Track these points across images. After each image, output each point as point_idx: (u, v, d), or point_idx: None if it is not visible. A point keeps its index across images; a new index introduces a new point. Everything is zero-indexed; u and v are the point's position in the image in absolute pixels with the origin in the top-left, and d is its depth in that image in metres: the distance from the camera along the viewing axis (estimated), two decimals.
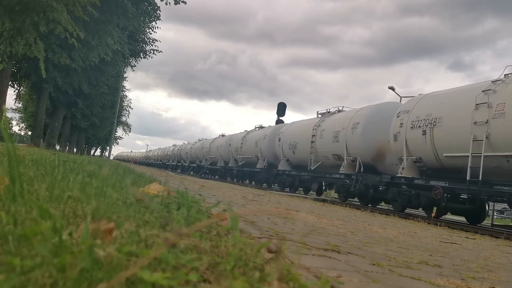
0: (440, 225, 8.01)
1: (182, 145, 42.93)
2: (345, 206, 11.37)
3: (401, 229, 5.25)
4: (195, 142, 37.54)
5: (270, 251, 1.64)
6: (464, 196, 9.64)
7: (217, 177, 29.04)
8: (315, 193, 16.40)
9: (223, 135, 30.53)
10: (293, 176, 17.20)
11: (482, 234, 7.44)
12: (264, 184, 20.45)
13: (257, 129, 23.95)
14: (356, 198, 13.80)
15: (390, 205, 12.80)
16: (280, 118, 24.55)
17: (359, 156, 12.88)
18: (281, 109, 25.02)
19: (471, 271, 2.46)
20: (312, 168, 15.29)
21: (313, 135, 15.47)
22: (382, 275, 1.83)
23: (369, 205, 12.72)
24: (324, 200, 13.21)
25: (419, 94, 11.58)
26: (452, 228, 7.97)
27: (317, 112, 16.50)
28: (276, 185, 19.39)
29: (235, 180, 24.36)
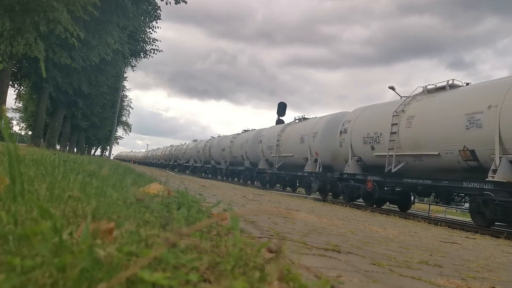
0: (440, 225, 8.01)
1: (211, 139, 30.82)
2: (345, 206, 11.36)
3: (401, 229, 5.25)
4: (236, 134, 25.93)
5: (270, 251, 1.64)
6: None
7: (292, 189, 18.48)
8: None
9: (304, 118, 17.98)
10: None
11: (482, 234, 7.44)
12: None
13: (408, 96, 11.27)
14: None
15: None
16: (281, 118, 24.54)
17: None
18: (282, 109, 25.02)
19: (471, 271, 2.46)
20: None
21: None
22: (382, 275, 1.83)
23: None
24: (324, 200, 13.18)
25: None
26: (453, 228, 7.97)
27: None
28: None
29: (341, 201, 12.96)
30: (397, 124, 10.90)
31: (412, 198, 12.26)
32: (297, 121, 18.34)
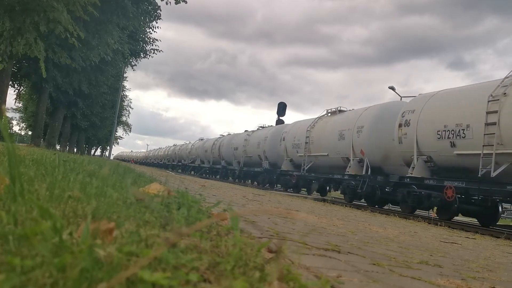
0: (440, 225, 8.01)
1: (220, 137, 27.00)
2: (345, 206, 11.35)
3: (401, 229, 5.25)
4: (251, 131, 22.30)
5: (270, 251, 1.64)
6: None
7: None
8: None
9: (339, 110, 15.08)
10: None
11: (482, 234, 7.44)
12: None
13: None
14: None
15: None
16: (281, 118, 24.55)
17: None
18: (281, 109, 25.03)
19: (471, 271, 2.46)
20: None
21: None
22: (383, 275, 1.83)
23: None
24: (324, 200, 13.18)
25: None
26: (453, 228, 7.97)
27: None
28: None
29: None
30: (496, 112, 8.01)
31: (500, 209, 9.69)
32: (329, 114, 15.22)
